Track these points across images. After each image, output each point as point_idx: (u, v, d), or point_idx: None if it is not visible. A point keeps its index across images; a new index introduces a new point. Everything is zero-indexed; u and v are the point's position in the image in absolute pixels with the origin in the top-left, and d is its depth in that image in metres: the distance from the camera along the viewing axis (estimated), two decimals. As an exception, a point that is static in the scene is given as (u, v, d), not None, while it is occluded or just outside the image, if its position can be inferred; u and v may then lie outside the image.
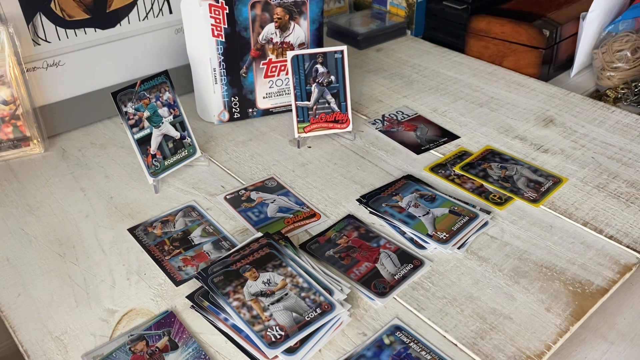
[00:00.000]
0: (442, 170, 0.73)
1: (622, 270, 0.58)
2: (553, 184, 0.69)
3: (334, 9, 1.20)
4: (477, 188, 0.69)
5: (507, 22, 0.98)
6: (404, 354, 0.50)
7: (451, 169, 0.72)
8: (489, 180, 0.70)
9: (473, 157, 0.74)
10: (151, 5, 0.83)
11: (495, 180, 0.70)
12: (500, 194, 0.68)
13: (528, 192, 0.68)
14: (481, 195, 0.68)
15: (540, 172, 0.71)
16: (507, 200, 0.67)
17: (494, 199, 0.68)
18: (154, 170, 0.70)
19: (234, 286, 0.54)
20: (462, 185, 0.70)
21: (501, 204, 0.67)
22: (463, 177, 0.71)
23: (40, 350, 0.51)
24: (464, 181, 0.70)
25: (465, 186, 0.70)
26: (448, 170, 0.73)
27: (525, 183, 0.70)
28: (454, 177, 0.71)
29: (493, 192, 0.69)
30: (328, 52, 0.75)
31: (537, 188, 0.69)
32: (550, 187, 0.69)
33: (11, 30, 0.71)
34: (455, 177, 0.71)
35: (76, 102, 0.82)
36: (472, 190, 0.69)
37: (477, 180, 0.70)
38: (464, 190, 0.69)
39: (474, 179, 0.70)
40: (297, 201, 0.68)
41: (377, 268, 0.58)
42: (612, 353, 0.54)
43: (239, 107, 0.83)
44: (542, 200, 0.67)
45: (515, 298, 0.55)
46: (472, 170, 0.72)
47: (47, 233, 0.64)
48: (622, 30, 0.94)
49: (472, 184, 0.70)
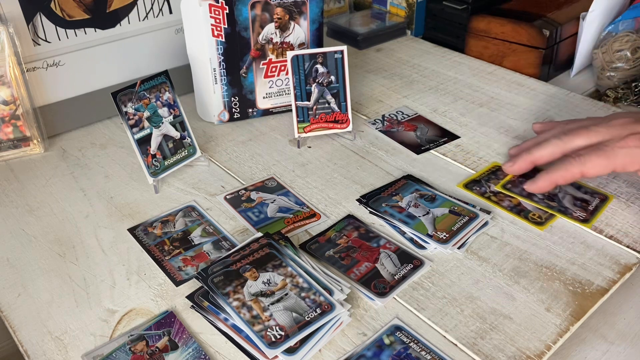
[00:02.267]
0: (476, 187, 0.69)
1: (622, 270, 0.58)
2: (600, 202, 0.66)
3: (334, 9, 1.20)
4: (515, 206, 0.66)
5: (507, 22, 0.98)
6: (404, 354, 0.50)
7: (486, 186, 0.69)
8: (533, 199, 0.66)
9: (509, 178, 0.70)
10: (151, 5, 0.83)
11: (541, 199, 0.66)
12: (540, 213, 0.65)
13: (576, 211, 0.65)
14: (520, 214, 0.65)
15: (584, 189, 0.68)
16: (548, 219, 0.64)
17: (534, 218, 0.64)
18: (154, 170, 0.70)
19: (234, 286, 0.54)
20: (499, 204, 0.66)
21: (542, 224, 0.63)
22: (500, 195, 0.67)
23: (40, 350, 0.51)
24: (501, 199, 0.67)
25: (502, 204, 0.66)
26: (483, 187, 0.69)
27: (571, 201, 0.66)
28: (490, 195, 0.68)
29: (532, 210, 0.65)
30: (328, 52, 0.75)
31: (584, 207, 0.65)
32: (598, 205, 0.65)
33: (11, 30, 0.72)
34: (492, 195, 0.68)
35: (76, 102, 0.82)
36: (510, 209, 0.65)
37: (515, 198, 0.67)
38: (502, 209, 0.66)
39: (512, 197, 0.67)
40: (297, 201, 0.68)
41: (377, 268, 0.58)
42: (612, 353, 0.54)
43: (239, 107, 0.83)
44: (592, 219, 0.63)
45: (515, 298, 0.55)
46: (514, 189, 0.68)
47: (47, 233, 0.64)
48: (622, 30, 0.94)
49: (509, 202, 0.66)
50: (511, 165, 0.69)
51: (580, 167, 0.61)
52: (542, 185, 0.64)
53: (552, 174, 0.63)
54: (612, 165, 0.61)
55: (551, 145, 0.65)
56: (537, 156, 0.66)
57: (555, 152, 0.65)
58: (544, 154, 0.66)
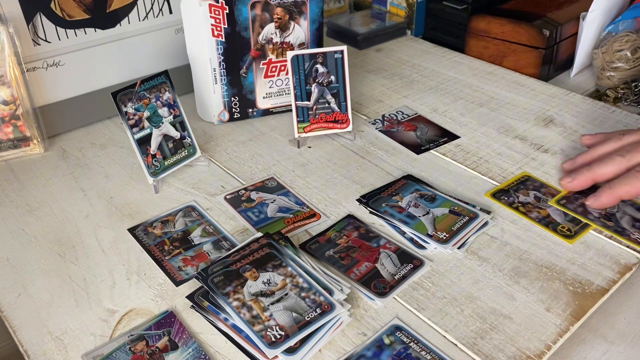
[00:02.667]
0: (504, 196, 0.67)
1: (622, 270, 0.58)
2: None
3: (334, 9, 1.20)
4: (544, 218, 0.64)
5: (507, 22, 0.98)
6: (404, 354, 0.50)
7: (515, 196, 0.66)
8: (589, 217, 0.63)
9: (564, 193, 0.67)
10: (151, 5, 0.83)
11: (597, 218, 0.63)
12: (569, 226, 0.62)
13: (635, 233, 0.61)
14: (548, 226, 0.63)
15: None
16: (578, 232, 0.61)
17: (563, 231, 0.62)
18: (154, 170, 0.70)
19: (234, 286, 0.54)
20: (527, 214, 0.64)
21: (571, 237, 0.61)
22: (528, 206, 0.65)
23: (40, 350, 0.51)
24: (529, 210, 0.65)
25: (530, 215, 0.64)
26: (512, 197, 0.67)
27: (630, 222, 0.62)
28: (518, 205, 0.66)
29: (562, 222, 0.63)
30: (328, 52, 0.75)
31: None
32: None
33: (11, 30, 0.71)
34: (520, 205, 0.66)
35: (76, 102, 0.82)
36: (539, 221, 0.63)
37: (544, 210, 0.65)
38: (530, 220, 0.64)
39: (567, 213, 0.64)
40: (297, 201, 0.68)
41: (377, 268, 0.58)
42: (612, 353, 0.54)
43: (239, 107, 0.83)
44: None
45: (515, 298, 0.55)
46: (569, 205, 0.65)
47: (47, 233, 0.64)
48: (622, 30, 0.94)
49: (538, 213, 0.64)
50: (570, 181, 0.66)
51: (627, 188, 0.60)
52: (606, 201, 0.62)
53: (616, 189, 0.61)
54: None
55: (615, 163, 0.63)
56: (599, 173, 0.64)
57: (619, 170, 0.62)
58: (607, 171, 0.63)
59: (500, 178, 0.71)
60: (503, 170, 0.73)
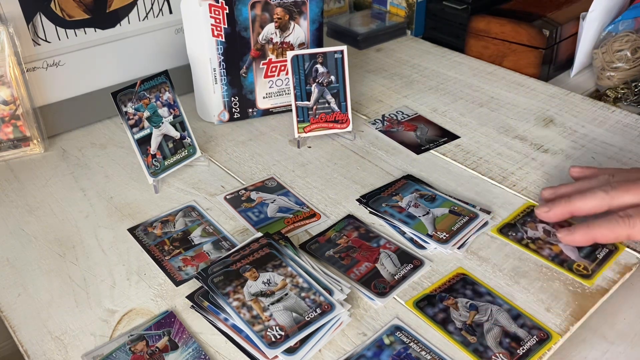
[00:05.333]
0: (512, 232, 0.62)
1: (622, 270, 0.58)
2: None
3: (334, 9, 1.20)
4: (557, 256, 0.59)
5: (507, 22, 0.98)
6: (404, 354, 0.50)
7: (523, 231, 0.62)
8: None
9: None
10: (151, 5, 0.83)
11: None
12: (585, 264, 0.58)
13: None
14: (562, 264, 0.58)
15: None
16: (596, 271, 0.57)
17: (579, 270, 0.57)
18: (154, 170, 0.70)
19: (234, 286, 0.54)
20: (538, 252, 0.59)
21: (588, 277, 0.56)
22: (538, 242, 0.61)
23: (40, 350, 0.51)
24: (540, 247, 0.60)
25: (542, 253, 0.59)
26: (520, 232, 0.62)
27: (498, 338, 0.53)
28: (528, 242, 0.61)
29: (577, 260, 0.58)
30: (328, 52, 0.75)
31: None
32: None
33: (11, 30, 0.71)
34: (530, 242, 0.61)
35: (76, 102, 0.82)
36: (552, 259, 0.59)
37: (557, 245, 0.60)
38: (541, 258, 0.59)
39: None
40: (297, 201, 0.68)
41: (377, 268, 0.58)
42: (612, 353, 0.54)
43: (239, 107, 0.83)
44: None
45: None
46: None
47: (47, 233, 0.64)
48: (622, 30, 0.94)
49: (549, 249, 0.60)
50: (546, 212, 0.61)
51: (627, 229, 0.55)
52: (580, 239, 0.58)
53: (594, 229, 0.57)
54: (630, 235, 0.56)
55: (597, 199, 0.58)
56: (577, 206, 0.59)
57: (600, 207, 0.58)
58: (587, 207, 0.58)
59: (500, 178, 0.71)
60: (503, 170, 0.73)
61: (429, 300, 0.54)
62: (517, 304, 0.54)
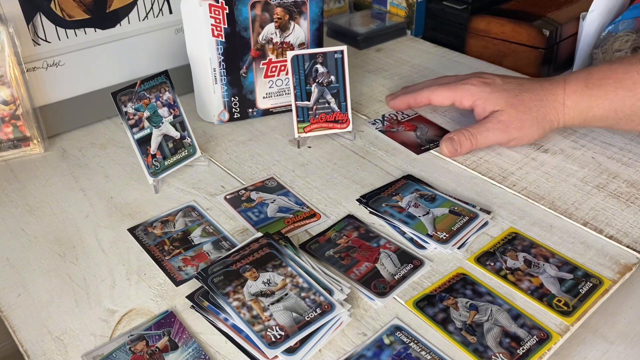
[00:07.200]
0: (490, 261, 0.58)
1: (622, 270, 0.58)
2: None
3: (334, 9, 1.20)
4: (537, 289, 0.55)
5: (507, 22, 0.98)
6: (404, 354, 0.50)
7: (502, 261, 0.58)
8: None
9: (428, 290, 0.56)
10: (151, 5, 0.83)
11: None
12: (566, 299, 0.54)
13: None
14: (542, 299, 0.54)
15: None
16: (577, 307, 0.53)
17: (559, 306, 0.53)
18: (154, 170, 0.70)
19: (234, 286, 0.54)
20: (516, 285, 0.55)
21: (569, 313, 0.53)
22: (517, 273, 0.57)
23: (40, 350, 0.51)
24: (519, 278, 0.56)
25: (520, 286, 0.55)
26: (498, 261, 0.58)
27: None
28: (507, 273, 0.57)
29: (557, 295, 0.54)
30: (328, 52, 0.75)
31: None
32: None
33: (11, 30, 0.71)
34: (508, 273, 0.57)
35: (76, 102, 0.82)
36: (531, 293, 0.55)
37: (537, 278, 0.56)
38: (520, 292, 0.55)
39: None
40: (297, 201, 0.68)
41: (377, 268, 0.58)
42: (612, 353, 0.54)
43: (239, 107, 0.83)
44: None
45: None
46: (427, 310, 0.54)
47: (47, 233, 0.64)
48: (622, 30, 0.94)
49: (529, 282, 0.56)
50: (392, 99, 0.84)
51: (429, 94, 0.77)
52: (399, 103, 0.82)
53: (408, 96, 0.80)
54: (452, 97, 0.75)
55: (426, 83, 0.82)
56: (411, 89, 0.82)
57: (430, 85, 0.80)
58: (419, 87, 0.81)
59: (500, 178, 0.71)
60: (503, 170, 0.73)
61: (429, 300, 0.54)
62: (517, 304, 0.54)
